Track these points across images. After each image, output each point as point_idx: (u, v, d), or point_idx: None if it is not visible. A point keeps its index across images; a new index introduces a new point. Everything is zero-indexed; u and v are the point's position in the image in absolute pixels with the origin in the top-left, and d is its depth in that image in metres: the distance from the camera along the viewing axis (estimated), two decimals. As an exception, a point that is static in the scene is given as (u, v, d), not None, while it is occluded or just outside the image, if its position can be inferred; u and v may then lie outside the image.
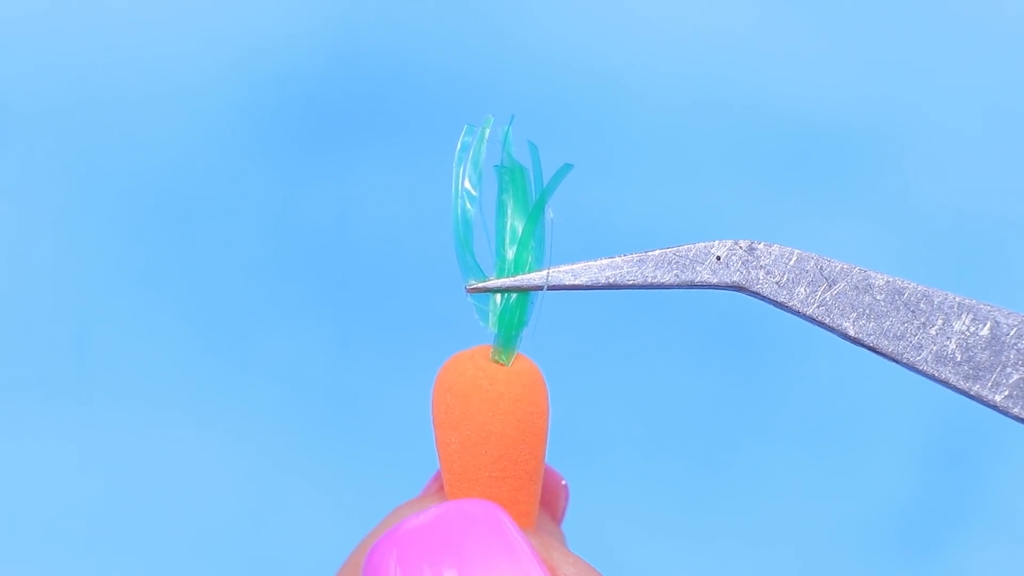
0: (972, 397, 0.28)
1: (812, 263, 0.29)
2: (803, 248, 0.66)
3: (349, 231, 0.67)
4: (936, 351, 0.28)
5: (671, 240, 0.67)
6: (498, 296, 0.29)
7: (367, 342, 0.67)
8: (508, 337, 0.29)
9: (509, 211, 0.29)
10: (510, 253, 0.29)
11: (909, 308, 0.28)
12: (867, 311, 0.28)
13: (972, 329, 0.28)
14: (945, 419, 0.66)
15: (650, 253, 0.28)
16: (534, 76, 0.67)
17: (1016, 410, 0.28)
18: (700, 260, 0.28)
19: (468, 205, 0.29)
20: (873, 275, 0.29)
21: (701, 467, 0.66)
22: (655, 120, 0.67)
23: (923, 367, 0.28)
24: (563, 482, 0.34)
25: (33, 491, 0.64)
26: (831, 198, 0.66)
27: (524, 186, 0.29)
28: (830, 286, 0.28)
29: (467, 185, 0.29)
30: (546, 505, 0.34)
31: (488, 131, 0.29)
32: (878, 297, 0.28)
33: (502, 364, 0.29)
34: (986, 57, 0.67)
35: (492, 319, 0.29)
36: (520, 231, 0.29)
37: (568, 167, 0.29)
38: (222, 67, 0.66)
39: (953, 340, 0.28)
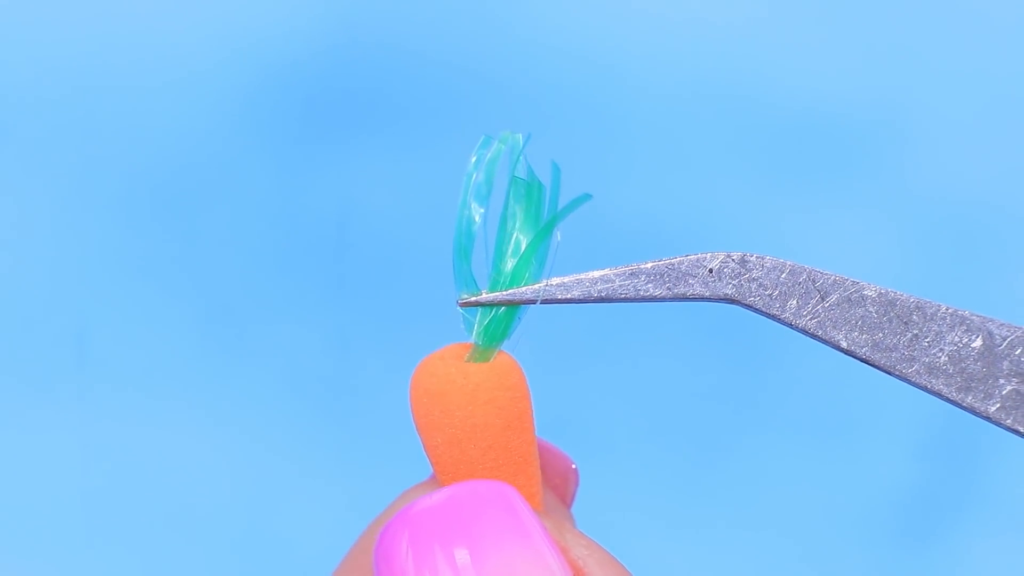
0: (965, 408, 0.29)
1: (804, 275, 0.29)
2: (802, 241, 0.66)
3: (349, 221, 0.67)
4: (928, 363, 0.28)
5: (670, 232, 0.67)
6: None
7: (367, 332, 0.67)
8: (489, 348, 0.29)
9: (517, 224, 0.29)
10: (509, 265, 0.29)
11: (902, 320, 0.28)
12: (859, 323, 0.28)
13: (964, 340, 0.28)
14: (944, 409, 0.66)
15: (642, 266, 0.28)
16: (534, 67, 0.67)
17: (1009, 421, 0.28)
18: (692, 273, 0.28)
19: (475, 218, 0.29)
20: (865, 287, 0.29)
21: (701, 457, 0.66)
22: (654, 110, 0.66)
23: (915, 379, 0.28)
24: (573, 465, 0.34)
25: (33, 482, 0.65)
26: (830, 188, 0.66)
27: (539, 202, 0.29)
28: (823, 298, 0.28)
29: (475, 200, 0.29)
30: (556, 489, 0.34)
31: (504, 146, 0.29)
32: (870, 309, 0.28)
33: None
34: (985, 45, 0.67)
35: (477, 330, 0.29)
36: (524, 246, 0.29)
37: (587, 196, 0.29)
38: (223, 57, 0.66)
39: (945, 352, 0.28)
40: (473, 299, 0.29)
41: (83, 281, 0.66)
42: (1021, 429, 0.28)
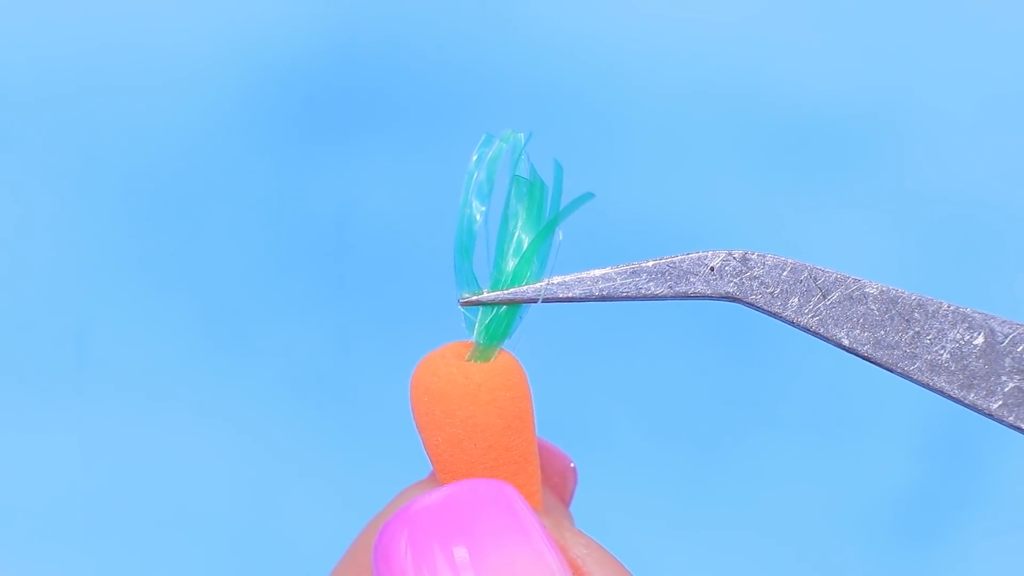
0: (967, 405, 0.29)
1: (806, 273, 0.29)
2: (802, 240, 0.66)
3: (349, 221, 0.67)
4: (930, 360, 0.28)
5: (671, 232, 0.67)
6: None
7: (367, 331, 0.67)
8: (490, 347, 0.29)
9: (519, 223, 0.29)
10: (511, 265, 0.29)
11: (903, 317, 0.28)
12: (861, 321, 0.28)
13: (966, 338, 0.28)
14: (945, 408, 0.66)
15: (643, 264, 0.28)
16: (534, 67, 0.66)
17: (1011, 419, 0.28)
18: (694, 271, 0.28)
19: (477, 216, 0.29)
20: (867, 284, 0.29)
21: (701, 456, 0.66)
22: (654, 109, 0.66)
23: (917, 376, 0.28)
24: (572, 464, 0.34)
25: (33, 482, 0.65)
26: (830, 188, 0.66)
27: (541, 201, 0.29)
28: (824, 296, 0.28)
29: (476, 199, 0.28)
30: (555, 487, 0.34)
31: (505, 145, 0.29)
32: (872, 307, 0.28)
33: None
34: (985, 45, 0.67)
35: (479, 329, 0.29)
36: (525, 245, 0.28)
37: (589, 195, 0.29)
38: (222, 56, 0.66)
39: (947, 349, 0.28)
40: (474, 298, 0.29)
41: (83, 281, 0.65)
42: (1023, 426, 0.28)
